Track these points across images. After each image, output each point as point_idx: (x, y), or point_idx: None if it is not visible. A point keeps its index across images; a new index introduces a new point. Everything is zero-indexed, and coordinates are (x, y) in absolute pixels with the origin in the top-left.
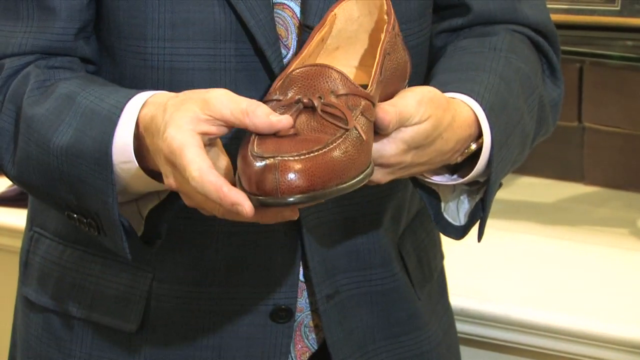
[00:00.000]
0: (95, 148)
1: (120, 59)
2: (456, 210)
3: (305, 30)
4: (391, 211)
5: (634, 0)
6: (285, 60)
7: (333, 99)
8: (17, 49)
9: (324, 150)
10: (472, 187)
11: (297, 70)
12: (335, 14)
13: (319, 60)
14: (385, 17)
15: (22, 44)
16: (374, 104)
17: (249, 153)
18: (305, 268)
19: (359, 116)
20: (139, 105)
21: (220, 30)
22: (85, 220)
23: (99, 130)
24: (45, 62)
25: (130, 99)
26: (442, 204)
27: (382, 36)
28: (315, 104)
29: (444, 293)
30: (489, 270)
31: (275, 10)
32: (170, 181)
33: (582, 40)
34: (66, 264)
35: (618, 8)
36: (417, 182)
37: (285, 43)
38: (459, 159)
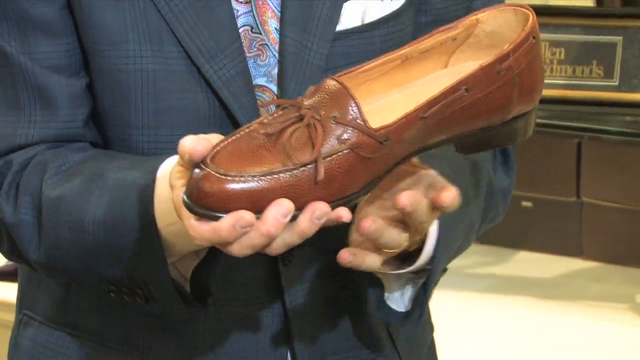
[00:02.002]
0: (137, 216)
1: (108, 147)
2: (400, 297)
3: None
4: (378, 292)
5: (632, 75)
6: None
7: (331, 124)
8: (25, 139)
9: (254, 177)
10: (417, 275)
11: (329, 80)
12: (477, 19)
13: (454, 59)
14: (508, 45)
15: (29, 134)
16: (382, 142)
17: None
18: (293, 351)
19: (345, 151)
20: (170, 164)
21: (204, 116)
22: (129, 292)
23: (138, 198)
24: (55, 150)
25: (162, 161)
26: (386, 293)
27: (470, 70)
28: (305, 119)
29: None
30: (486, 346)
31: (255, 92)
32: None
33: (581, 116)
34: (54, 347)
35: (616, 83)
36: (361, 272)
37: None
38: (411, 248)
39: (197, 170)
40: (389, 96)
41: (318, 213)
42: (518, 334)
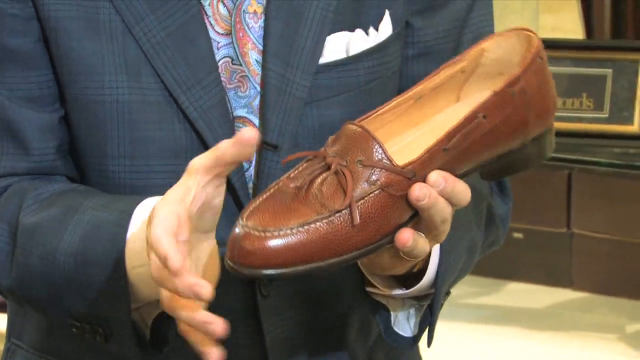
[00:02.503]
0: (106, 254)
1: (85, 177)
2: (406, 322)
3: (265, 147)
4: (357, 324)
5: (621, 107)
6: (246, 173)
7: (358, 168)
8: None
9: (294, 230)
10: (421, 302)
11: (349, 126)
12: (483, 49)
13: (465, 92)
14: (517, 69)
15: (2, 166)
16: (410, 178)
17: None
18: None
19: (376, 192)
20: (151, 205)
21: (181, 146)
22: (89, 329)
23: (109, 237)
24: (33, 180)
25: (138, 202)
26: (392, 317)
27: (484, 98)
28: (332, 167)
29: None
30: None
31: (235, 123)
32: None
33: (571, 148)
34: None
35: (606, 115)
36: (368, 297)
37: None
38: (403, 271)
39: (237, 230)
40: (408, 137)
41: None
42: None
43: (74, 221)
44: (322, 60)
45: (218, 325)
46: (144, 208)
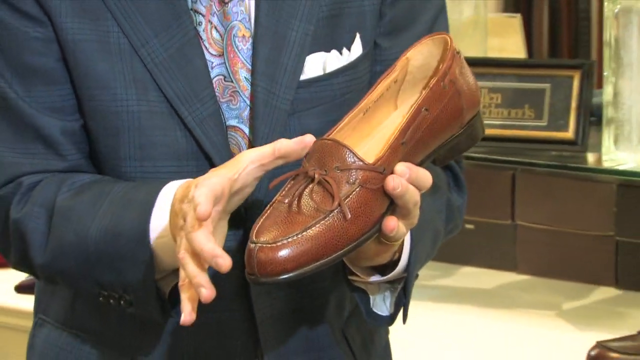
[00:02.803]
0: (134, 227)
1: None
2: (382, 303)
3: None
4: (334, 302)
5: (558, 117)
6: None
7: (337, 173)
8: (30, 168)
9: (299, 235)
10: (394, 285)
11: (319, 142)
12: (407, 58)
13: (400, 99)
14: (440, 65)
15: (34, 164)
16: (381, 172)
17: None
18: (261, 352)
19: (357, 189)
20: (175, 187)
21: (182, 151)
22: (116, 296)
23: (138, 213)
24: (65, 174)
25: (164, 185)
26: (371, 300)
27: (421, 92)
28: (315, 178)
29: None
30: (434, 346)
31: (228, 132)
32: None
33: (515, 151)
34: (62, 345)
35: (545, 123)
36: (350, 285)
37: None
38: (385, 260)
39: (251, 246)
40: (363, 147)
41: None
42: (462, 337)
43: (106, 202)
44: (303, 77)
45: (225, 259)
46: (169, 190)
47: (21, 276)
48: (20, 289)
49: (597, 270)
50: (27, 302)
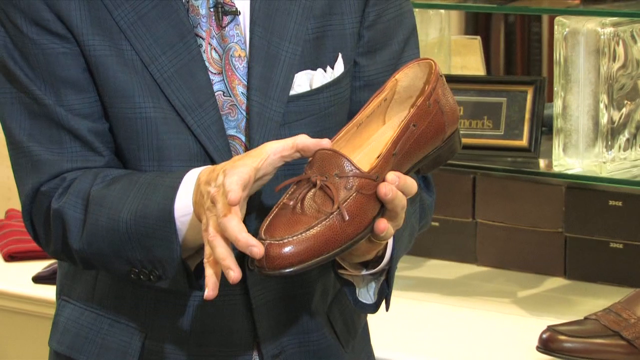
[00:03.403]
0: (160, 208)
1: None
2: (367, 293)
3: None
4: (320, 289)
5: (513, 127)
6: None
7: (336, 180)
8: (71, 165)
9: (303, 234)
10: (377, 276)
11: (320, 152)
12: (396, 79)
13: (388, 115)
14: (426, 86)
15: (74, 160)
16: (375, 179)
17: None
18: (257, 333)
19: (354, 194)
20: (198, 172)
21: (192, 153)
22: (145, 271)
23: (163, 196)
24: (99, 168)
25: (188, 172)
26: (357, 290)
27: (409, 110)
28: (317, 184)
29: (367, 343)
30: (405, 329)
31: (228, 140)
32: (203, 218)
33: (475, 157)
34: (83, 322)
35: (502, 133)
36: (339, 278)
37: None
38: (372, 256)
39: (261, 241)
40: (356, 157)
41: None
42: (429, 322)
43: (135, 188)
44: (292, 92)
45: (260, 249)
46: (192, 175)
47: (38, 267)
48: (37, 279)
49: (548, 263)
50: (44, 291)
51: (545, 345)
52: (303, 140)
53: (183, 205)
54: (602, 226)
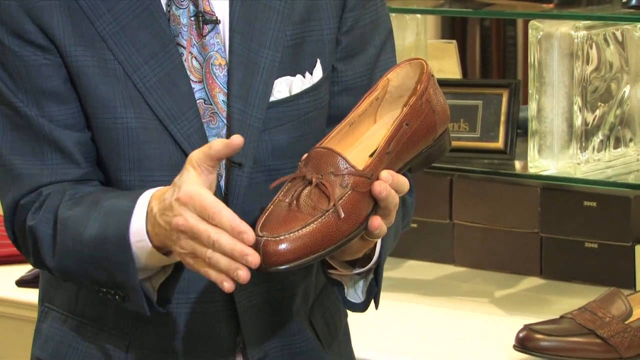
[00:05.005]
0: (117, 233)
1: (107, 184)
2: (355, 292)
3: (232, 165)
4: (302, 292)
5: (489, 129)
6: (221, 183)
7: (332, 178)
8: (50, 178)
9: (300, 231)
10: (363, 275)
11: (316, 150)
12: (388, 79)
13: (379, 114)
14: (418, 86)
15: (54, 174)
16: (369, 178)
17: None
18: (242, 338)
19: (349, 192)
20: (149, 197)
21: (173, 162)
22: (112, 292)
23: (119, 221)
24: (74, 183)
25: (140, 195)
26: (346, 290)
27: (402, 110)
28: (313, 181)
29: (347, 343)
30: (386, 328)
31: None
32: (180, 243)
33: (452, 159)
34: (66, 330)
35: (478, 135)
36: (328, 278)
37: (219, 172)
38: (362, 254)
39: (257, 238)
40: (348, 155)
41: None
42: (407, 322)
43: (96, 212)
44: (272, 98)
45: (255, 257)
46: (144, 198)
47: (21, 271)
48: (20, 283)
49: (524, 263)
50: (27, 295)
51: (522, 344)
52: (216, 149)
53: (137, 230)
54: (577, 226)
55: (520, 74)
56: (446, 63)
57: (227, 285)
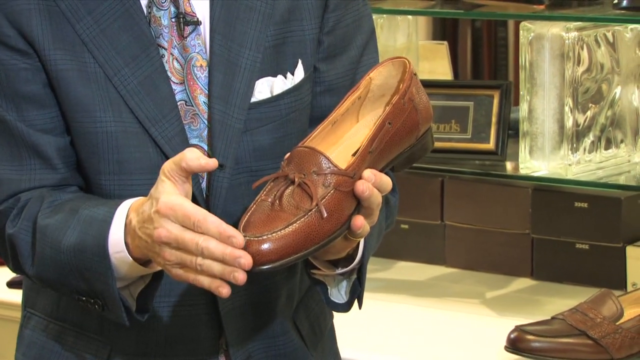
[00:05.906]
0: (95, 243)
1: (88, 188)
2: (338, 293)
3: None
4: (285, 294)
5: (480, 130)
6: (201, 185)
7: (314, 177)
8: (28, 184)
9: (282, 231)
10: (346, 275)
11: (298, 149)
12: (370, 78)
13: (362, 113)
14: (400, 84)
15: (32, 179)
16: (352, 177)
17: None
18: (225, 340)
19: (331, 191)
20: (127, 208)
21: (154, 165)
22: (91, 301)
23: (98, 230)
24: (53, 190)
25: (119, 205)
26: (329, 290)
27: (385, 109)
28: (296, 181)
29: (333, 344)
30: (374, 330)
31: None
32: (164, 255)
33: (443, 160)
34: (48, 335)
35: (469, 136)
36: (311, 278)
37: (200, 174)
38: (345, 254)
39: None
40: (331, 154)
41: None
42: (398, 323)
43: (74, 221)
44: (253, 99)
45: (247, 258)
46: (123, 209)
47: (12, 273)
48: (12, 284)
49: (516, 264)
50: (18, 296)
51: (513, 345)
52: (189, 165)
53: (116, 241)
54: (568, 227)
55: (511, 75)
56: (437, 64)
57: (224, 290)
